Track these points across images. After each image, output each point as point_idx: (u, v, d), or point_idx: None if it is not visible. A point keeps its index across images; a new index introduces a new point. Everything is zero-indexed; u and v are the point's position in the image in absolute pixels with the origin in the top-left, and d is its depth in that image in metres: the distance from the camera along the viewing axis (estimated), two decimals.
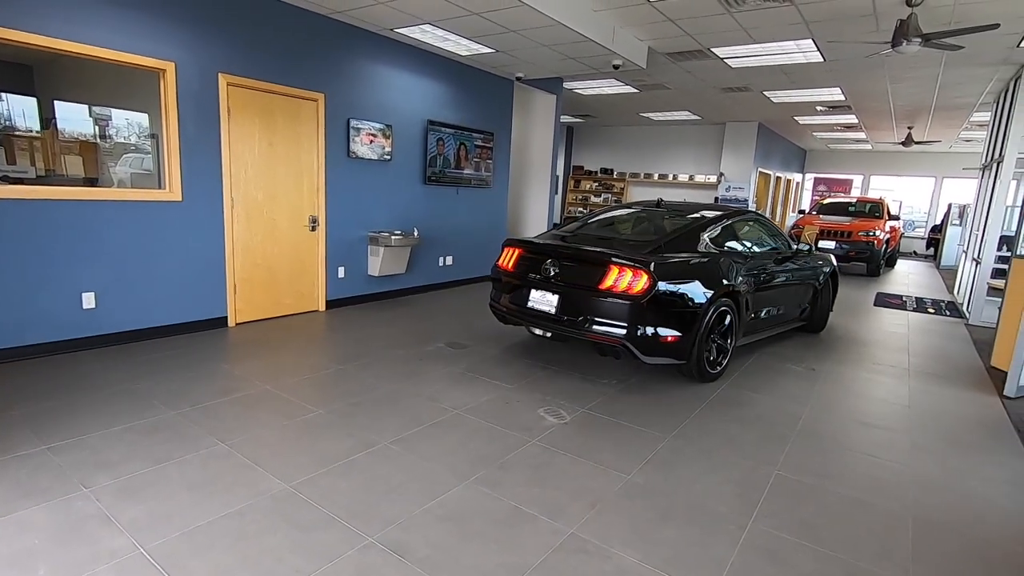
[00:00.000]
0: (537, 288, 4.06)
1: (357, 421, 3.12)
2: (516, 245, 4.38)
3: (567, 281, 3.93)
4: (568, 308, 3.90)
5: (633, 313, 3.67)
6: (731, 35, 5.60)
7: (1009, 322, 4.53)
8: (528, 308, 4.10)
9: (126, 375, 3.61)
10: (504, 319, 4.46)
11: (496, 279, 4.51)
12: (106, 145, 4.24)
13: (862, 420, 3.54)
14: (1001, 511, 2.56)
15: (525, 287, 4.14)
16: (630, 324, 3.68)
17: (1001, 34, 4.98)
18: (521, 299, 4.17)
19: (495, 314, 4.57)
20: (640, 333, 3.69)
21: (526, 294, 4.12)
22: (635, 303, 3.65)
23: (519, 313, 4.19)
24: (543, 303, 4.01)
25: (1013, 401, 4.00)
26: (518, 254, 4.32)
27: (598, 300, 3.76)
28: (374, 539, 2.10)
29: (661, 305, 3.68)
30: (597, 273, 3.78)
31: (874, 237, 10.14)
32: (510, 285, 4.30)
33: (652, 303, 3.64)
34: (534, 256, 4.19)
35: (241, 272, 4.89)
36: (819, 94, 8.44)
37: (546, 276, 4.01)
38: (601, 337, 3.75)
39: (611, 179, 14.06)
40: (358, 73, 5.55)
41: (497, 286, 4.51)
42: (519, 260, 4.29)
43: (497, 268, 4.47)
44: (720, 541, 2.21)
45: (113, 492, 2.31)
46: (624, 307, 3.69)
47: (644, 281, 3.64)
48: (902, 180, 15.97)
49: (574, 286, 3.89)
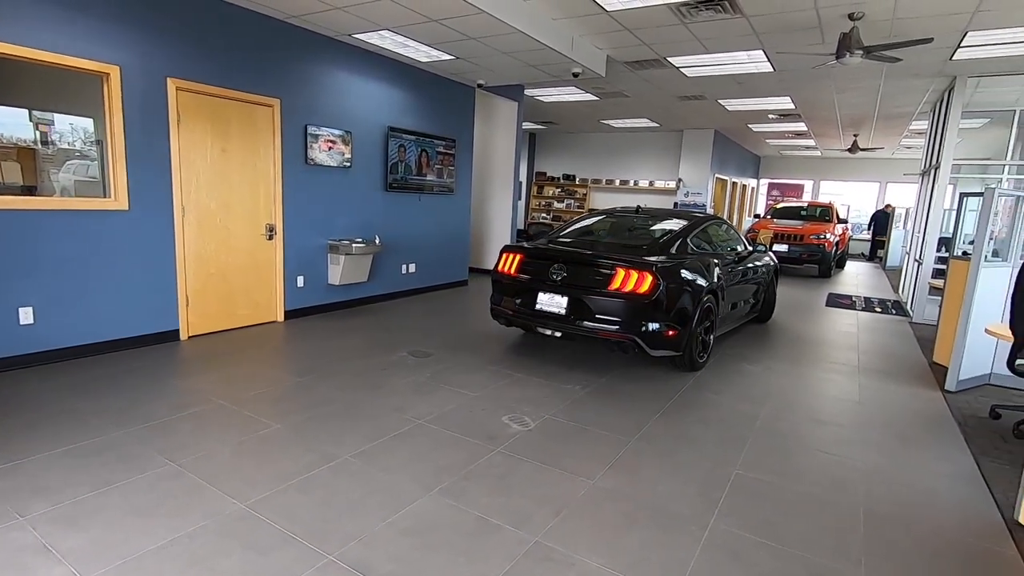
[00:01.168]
0: (545, 291, 4.27)
1: (317, 435, 3.04)
2: (516, 251, 4.60)
3: (575, 284, 4.19)
4: (578, 309, 4.15)
5: (640, 311, 3.99)
6: (686, 45, 5.75)
7: (949, 320, 4.78)
8: (537, 310, 4.32)
9: (68, 394, 3.42)
10: (509, 322, 4.64)
11: (496, 284, 4.69)
12: (48, 151, 4.02)
13: (816, 418, 3.66)
14: (945, 501, 2.68)
15: (532, 290, 4.34)
16: (638, 321, 4.00)
17: (935, 48, 5.28)
18: (529, 302, 4.33)
19: (497, 318, 4.72)
20: (646, 329, 4.01)
21: (534, 297, 4.32)
22: (641, 302, 3.97)
23: (527, 315, 4.38)
24: (552, 305, 4.24)
25: (954, 395, 4.20)
26: (520, 259, 4.53)
27: (607, 300, 4.06)
28: (334, 557, 2.04)
29: (664, 303, 4.02)
30: (605, 275, 4.09)
31: (825, 240, 10.56)
32: (514, 289, 4.50)
33: (656, 301, 3.98)
34: (538, 261, 4.42)
35: (194, 283, 4.71)
36: (770, 103, 8.76)
37: (554, 279, 4.25)
38: (611, 334, 4.04)
39: (574, 185, 14.21)
40: (316, 78, 5.45)
41: (498, 290, 4.69)
42: (522, 265, 4.50)
43: (497, 273, 4.65)
44: (682, 542, 2.24)
45: (51, 520, 2.18)
46: (631, 306, 4.00)
47: (649, 282, 3.97)
48: (849, 185, 16.72)
49: (583, 288, 4.15)
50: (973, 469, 3.03)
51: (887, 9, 4.46)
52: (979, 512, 2.60)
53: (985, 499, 2.72)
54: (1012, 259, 4.24)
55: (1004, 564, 2.23)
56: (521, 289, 4.44)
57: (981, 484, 2.87)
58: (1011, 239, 4.27)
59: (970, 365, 4.27)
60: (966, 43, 5.17)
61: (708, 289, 4.41)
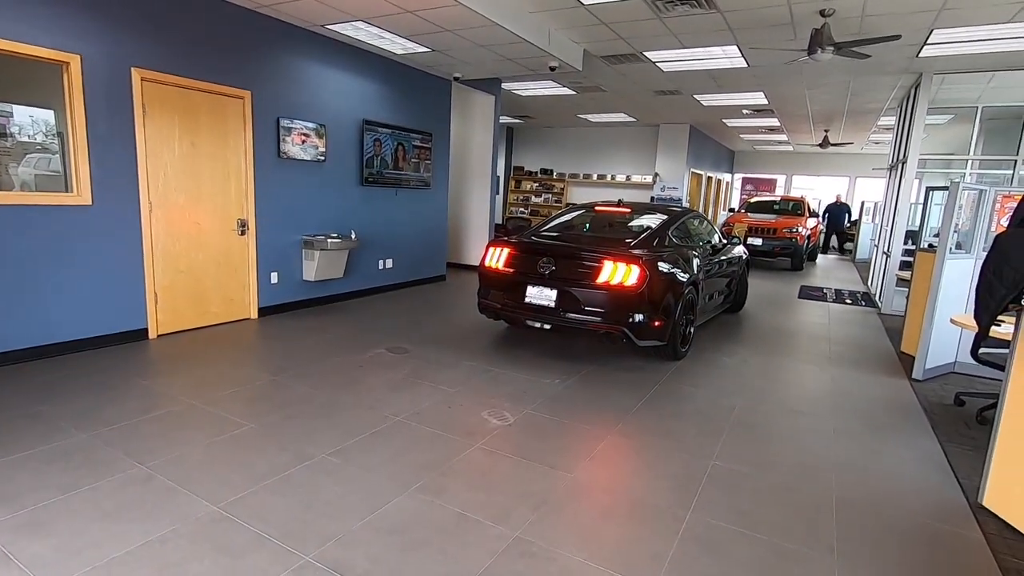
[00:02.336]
0: (534, 284, 4.28)
1: (292, 434, 2.98)
2: (503, 244, 4.59)
3: (564, 277, 4.21)
4: (567, 301, 4.18)
5: (628, 303, 4.06)
6: (662, 40, 5.77)
7: (916, 310, 4.91)
8: (526, 303, 4.31)
9: (28, 397, 3.29)
10: (497, 316, 4.65)
11: (484, 278, 4.68)
12: (6, 144, 3.85)
13: (791, 408, 3.73)
14: (913, 487, 2.76)
15: (521, 284, 4.34)
16: (626, 313, 4.07)
17: (902, 44, 5.40)
18: (517, 295, 4.35)
19: (485, 312, 4.72)
20: (634, 320, 4.07)
21: (522, 291, 4.32)
22: (629, 294, 4.04)
23: (516, 308, 4.39)
24: (541, 298, 4.26)
25: (921, 384, 4.33)
26: (507, 253, 4.52)
27: (596, 293, 4.11)
28: (310, 558, 2.00)
29: (650, 295, 4.09)
30: (593, 268, 4.13)
31: (797, 233, 10.76)
32: (502, 283, 4.50)
33: (643, 293, 4.04)
34: (526, 255, 4.42)
35: (162, 280, 4.57)
36: (744, 98, 8.87)
37: (542, 273, 4.26)
38: (600, 326, 4.11)
39: (551, 179, 14.22)
40: (288, 71, 5.33)
41: (485, 284, 4.68)
42: (510, 259, 4.49)
43: (484, 268, 4.64)
44: (660, 534, 2.26)
45: (12, 527, 2.09)
46: (620, 298, 4.06)
47: (637, 274, 4.03)
48: (820, 179, 17.06)
49: (572, 281, 4.17)
50: (939, 455, 3.12)
51: (857, 6, 4.54)
52: (945, 496, 2.68)
53: (951, 483, 2.80)
54: (975, 251, 4.37)
55: (969, 545, 2.30)
56: (509, 283, 4.45)
57: (947, 469, 2.96)
58: (974, 231, 4.40)
59: (936, 354, 4.40)
60: (932, 40, 5.30)
61: (690, 281, 4.50)
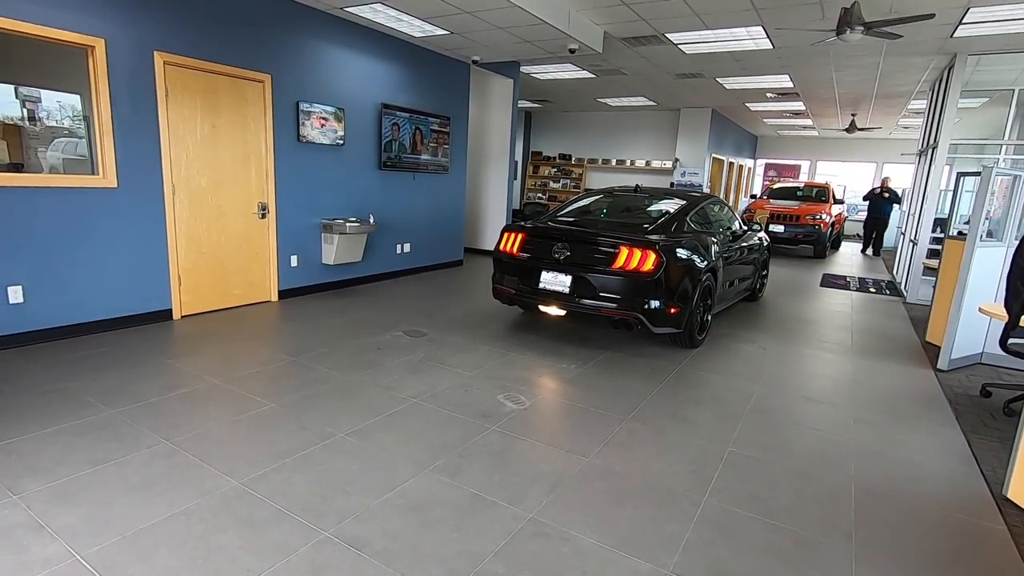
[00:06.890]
0: (549, 270, 4.28)
1: (311, 414, 3.03)
2: (518, 230, 4.57)
3: (579, 262, 4.18)
4: (582, 287, 4.17)
5: (643, 289, 4.03)
6: (684, 21, 5.64)
7: (942, 300, 4.79)
8: (540, 289, 4.32)
9: (59, 373, 3.40)
10: (511, 301, 4.66)
11: (498, 263, 4.68)
12: (35, 128, 3.93)
13: (809, 396, 3.68)
14: (935, 477, 2.71)
15: (535, 269, 4.34)
16: (641, 299, 4.04)
17: (936, 24, 5.20)
18: (532, 281, 4.32)
19: (499, 298, 4.73)
20: (649, 306, 4.04)
21: (537, 276, 4.33)
22: (645, 280, 4.00)
23: (531, 294, 4.39)
24: (556, 284, 4.25)
25: (946, 374, 4.24)
26: (522, 238, 4.51)
27: (611, 278, 4.08)
28: (329, 533, 2.05)
29: (666, 281, 4.05)
30: (609, 254, 4.10)
31: (821, 220, 10.53)
32: (516, 268, 4.50)
33: (659, 280, 4.00)
34: (541, 240, 4.40)
35: (185, 262, 4.66)
36: (769, 81, 8.65)
37: (557, 258, 4.24)
38: (614, 312, 4.09)
39: (570, 164, 14.09)
40: (307, 54, 5.33)
41: (500, 269, 4.69)
42: (524, 244, 4.48)
43: (499, 252, 4.64)
44: (675, 518, 2.26)
45: (45, 498, 2.17)
46: (635, 284, 4.03)
47: (653, 260, 3.99)
48: (846, 165, 16.63)
49: (587, 266, 4.15)
50: (963, 446, 3.06)
51: None
52: (968, 488, 2.63)
53: (974, 475, 2.75)
54: (1007, 239, 4.24)
55: (992, 538, 2.26)
56: (524, 268, 4.44)
57: (971, 460, 2.90)
58: (1006, 219, 4.27)
59: (962, 344, 4.29)
60: (968, 19, 5.09)
61: (707, 268, 4.43)
